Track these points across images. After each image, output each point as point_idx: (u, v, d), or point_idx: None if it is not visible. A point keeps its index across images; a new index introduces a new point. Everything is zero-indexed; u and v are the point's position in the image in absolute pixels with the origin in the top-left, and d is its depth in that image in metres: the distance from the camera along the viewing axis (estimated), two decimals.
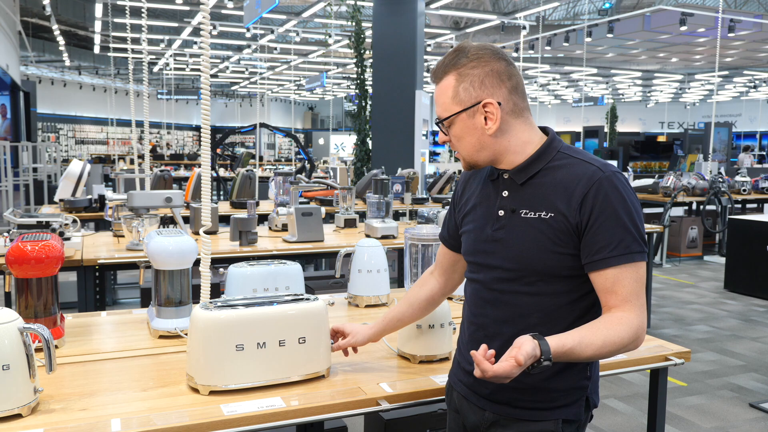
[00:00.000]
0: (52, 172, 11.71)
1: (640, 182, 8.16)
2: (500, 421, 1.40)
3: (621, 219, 1.29)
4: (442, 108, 1.39)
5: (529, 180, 1.37)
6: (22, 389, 1.33)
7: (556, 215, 1.32)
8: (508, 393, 1.38)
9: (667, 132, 28.28)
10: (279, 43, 17.31)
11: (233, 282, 2.03)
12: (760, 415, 3.58)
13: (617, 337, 1.27)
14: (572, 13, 16.94)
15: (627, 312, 1.29)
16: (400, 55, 8.97)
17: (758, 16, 14.05)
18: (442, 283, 1.66)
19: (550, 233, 1.32)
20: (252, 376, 1.48)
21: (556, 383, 1.36)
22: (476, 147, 1.38)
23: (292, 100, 30.48)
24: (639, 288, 1.31)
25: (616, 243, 1.28)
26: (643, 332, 1.31)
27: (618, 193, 1.30)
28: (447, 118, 1.39)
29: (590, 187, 1.30)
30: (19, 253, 1.68)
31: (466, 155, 1.41)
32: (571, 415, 1.38)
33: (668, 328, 5.28)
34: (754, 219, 6.53)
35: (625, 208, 1.30)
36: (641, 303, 1.31)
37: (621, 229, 1.29)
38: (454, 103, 1.37)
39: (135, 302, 5.66)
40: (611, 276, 1.29)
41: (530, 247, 1.34)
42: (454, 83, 1.37)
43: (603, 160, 1.38)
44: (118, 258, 3.05)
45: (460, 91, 1.36)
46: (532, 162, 1.37)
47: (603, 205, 1.28)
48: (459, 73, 1.36)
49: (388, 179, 4.24)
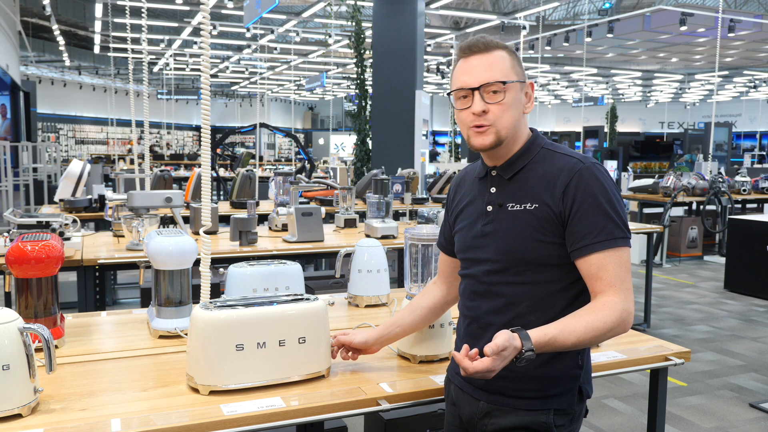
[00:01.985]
0: (52, 172, 11.72)
1: (640, 182, 8.15)
2: (494, 412, 1.43)
3: (602, 206, 1.34)
4: (501, 73, 1.39)
5: (515, 175, 1.43)
6: (22, 389, 1.33)
7: (540, 206, 1.37)
8: (502, 382, 1.41)
9: (667, 132, 28.28)
10: (279, 43, 17.31)
11: (233, 282, 2.02)
12: (760, 415, 3.58)
13: (600, 322, 1.30)
14: (572, 13, 16.94)
15: (611, 296, 1.33)
16: (400, 55, 8.97)
17: (758, 16, 14.05)
18: (444, 290, 1.68)
19: (535, 223, 1.37)
20: (252, 376, 1.48)
21: (547, 372, 1.39)
22: (513, 121, 1.42)
23: (292, 100, 30.47)
24: (623, 272, 1.34)
25: (599, 230, 1.33)
26: (630, 315, 1.33)
27: (598, 182, 1.36)
28: (509, 82, 1.40)
29: (571, 177, 1.36)
30: (19, 253, 1.68)
31: (503, 127, 1.41)
32: (564, 405, 1.41)
33: (668, 328, 5.28)
34: (754, 219, 6.53)
35: (605, 196, 1.35)
36: (626, 287, 1.34)
37: (603, 216, 1.34)
38: (513, 73, 1.41)
39: (135, 302, 5.66)
40: (595, 262, 1.33)
41: (517, 237, 1.39)
42: (508, 57, 1.41)
43: (583, 154, 1.43)
44: (118, 258, 3.05)
45: (515, 64, 1.42)
46: (518, 158, 1.44)
47: (584, 194, 1.34)
48: (509, 51, 1.43)
49: (388, 179, 4.24)
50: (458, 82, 1.42)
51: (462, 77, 1.41)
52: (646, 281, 5.08)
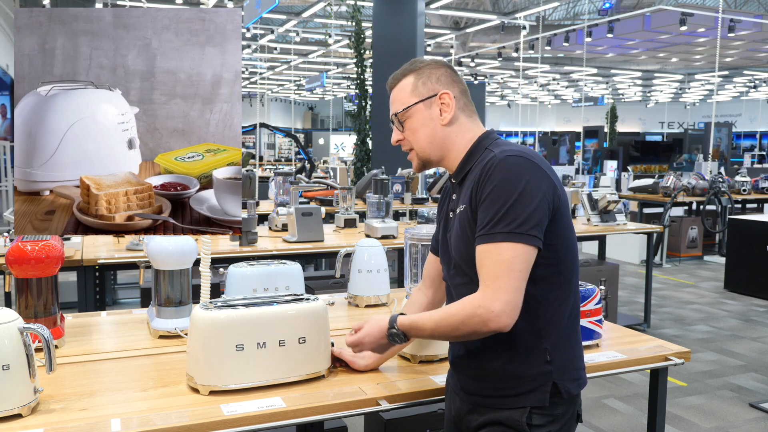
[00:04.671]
0: None
1: (640, 182, 8.15)
2: (474, 409, 1.46)
3: (495, 200, 1.32)
4: (400, 103, 1.50)
5: (462, 179, 1.46)
6: (22, 389, 1.33)
7: (470, 204, 1.39)
8: (474, 382, 1.45)
9: (667, 132, 28.28)
10: (279, 43, 17.31)
11: (233, 282, 2.02)
12: (760, 415, 3.58)
13: (449, 314, 1.35)
14: (572, 13, 16.95)
15: (478, 291, 1.33)
16: (400, 55, 8.96)
17: (758, 16, 14.06)
18: (431, 295, 1.70)
19: (466, 223, 1.40)
20: (252, 376, 1.48)
21: (515, 369, 1.40)
22: (429, 138, 1.46)
23: (292, 100, 30.47)
24: (499, 269, 1.30)
25: (485, 223, 1.33)
26: (488, 311, 1.29)
27: (502, 175, 1.32)
28: (406, 108, 1.47)
29: (484, 171, 1.36)
30: (19, 253, 1.68)
31: (419, 149, 1.49)
32: (537, 402, 1.38)
33: (668, 328, 5.28)
34: (754, 219, 6.53)
35: (502, 190, 1.31)
36: (498, 284, 1.30)
37: (492, 210, 1.32)
38: (412, 96, 1.47)
39: (135, 302, 5.66)
40: (478, 254, 1.35)
41: (457, 240, 1.43)
42: (413, 80, 1.48)
43: (522, 147, 1.40)
44: (118, 258, 3.05)
45: (419, 85, 1.47)
46: (465, 161, 1.46)
47: (487, 186, 1.34)
48: (417, 72, 1.48)
49: (388, 179, 4.24)
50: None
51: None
52: (646, 281, 5.08)
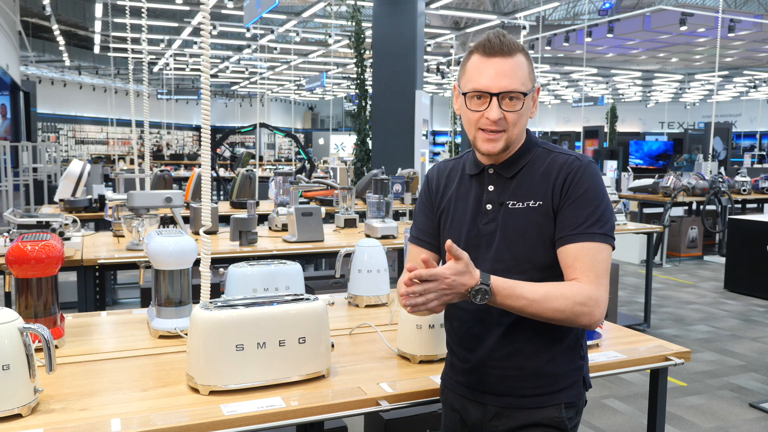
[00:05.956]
0: (52, 172, 11.71)
1: (640, 182, 8.15)
2: (503, 413, 1.42)
3: (588, 202, 1.36)
4: (521, 82, 1.37)
5: (516, 173, 1.43)
6: (22, 389, 1.33)
7: (544, 202, 1.38)
8: (509, 382, 1.41)
9: (668, 132, 28.27)
10: (279, 43, 17.30)
11: (233, 282, 2.03)
12: (760, 415, 3.58)
13: (558, 294, 1.30)
14: (572, 13, 16.95)
15: (582, 282, 1.33)
16: (400, 55, 8.97)
17: (758, 16, 14.05)
18: None
19: (539, 220, 1.38)
20: (252, 376, 1.48)
21: (554, 367, 1.41)
22: (523, 127, 1.44)
23: (292, 100, 30.46)
24: (598, 266, 1.34)
25: (579, 222, 1.35)
26: (596, 306, 1.31)
27: (591, 180, 1.38)
28: (528, 92, 1.39)
29: (569, 174, 1.38)
30: (19, 253, 1.68)
31: (514, 134, 1.40)
32: (572, 398, 1.43)
33: (668, 328, 5.28)
34: (754, 219, 6.53)
35: (594, 194, 1.37)
36: (600, 281, 1.34)
37: (586, 211, 1.36)
38: (530, 80, 1.39)
39: (135, 302, 5.65)
40: (572, 252, 1.35)
41: (521, 235, 1.39)
42: (526, 63, 1.39)
43: (577, 152, 1.45)
44: (118, 258, 3.05)
45: (531, 69, 1.40)
46: (519, 156, 1.44)
47: (575, 188, 1.36)
48: (526, 55, 1.40)
49: (388, 179, 4.24)
50: (475, 83, 1.37)
51: (480, 79, 1.36)
52: (646, 281, 5.08)
